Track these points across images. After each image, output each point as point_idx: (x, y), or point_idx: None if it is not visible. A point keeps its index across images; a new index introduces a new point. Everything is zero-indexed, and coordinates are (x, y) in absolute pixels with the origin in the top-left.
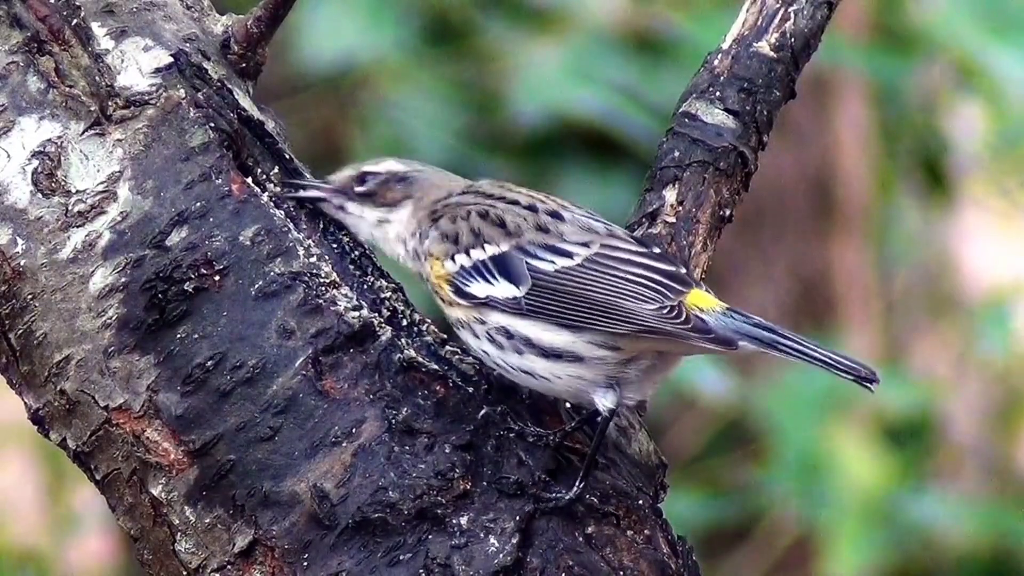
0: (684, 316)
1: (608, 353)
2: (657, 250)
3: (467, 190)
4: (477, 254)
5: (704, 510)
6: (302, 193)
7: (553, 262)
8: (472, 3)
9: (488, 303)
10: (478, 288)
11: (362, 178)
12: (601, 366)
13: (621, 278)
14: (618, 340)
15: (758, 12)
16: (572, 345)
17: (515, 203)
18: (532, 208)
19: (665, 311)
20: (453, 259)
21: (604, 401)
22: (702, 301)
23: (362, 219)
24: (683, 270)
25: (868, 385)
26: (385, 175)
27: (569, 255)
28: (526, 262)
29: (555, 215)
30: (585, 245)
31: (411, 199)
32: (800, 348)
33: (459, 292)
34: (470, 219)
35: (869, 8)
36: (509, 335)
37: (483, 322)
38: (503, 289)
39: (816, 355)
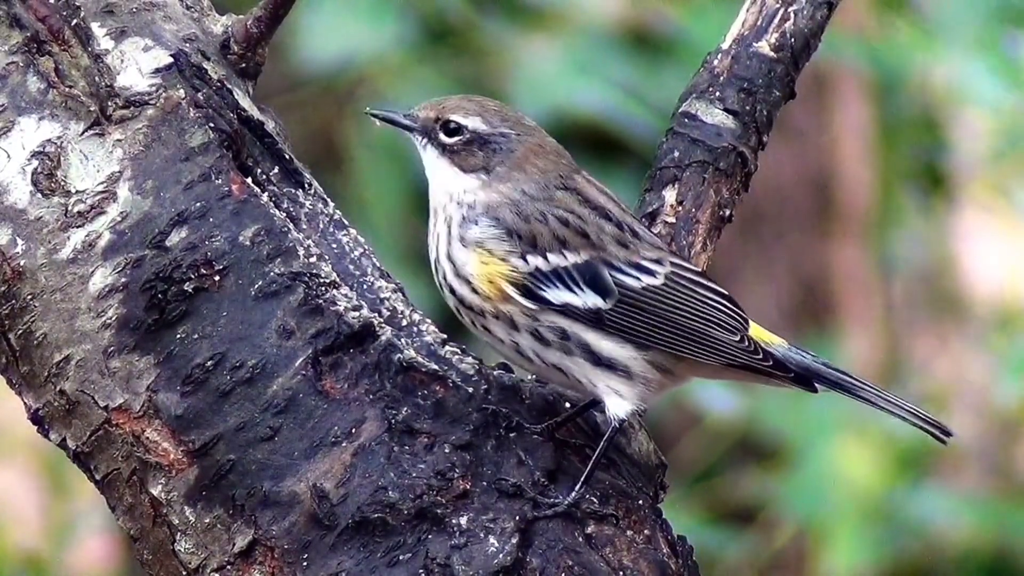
0: (761, 352)
1: (659, 376)
2: (704, 270)
3: (565, 184)
4: (557, 260)
5: (712, 535)
6: (390, 115)
7: (639, 279)
8: (471, 1)
9: (563, 310)
10: (555, 294)
11: (447, 126)
12: (644, 385)
13: (702, 303)
14: (676, 364)
15: (758, 12)
16: (631, 361)
17: (605, 214)
18: (619, 224)
19: (746, 344)
20: (525, 259)
21: (617, 412)
22: (766, 335)
23: (437, 169)
24: (730, 294)
25: (944, 441)
26: (469, 135)
27: (652, 273)
28: (611, 275)
29: (634, 232)
30: (659, 263)
31: (488, 173)
32: (879, 395)
33: (529, 294)
34: (549, 222)
35: (869, 8)
36: (564, 336)
37: (535, 319)
38: (586, 299)
39: (896, 405)
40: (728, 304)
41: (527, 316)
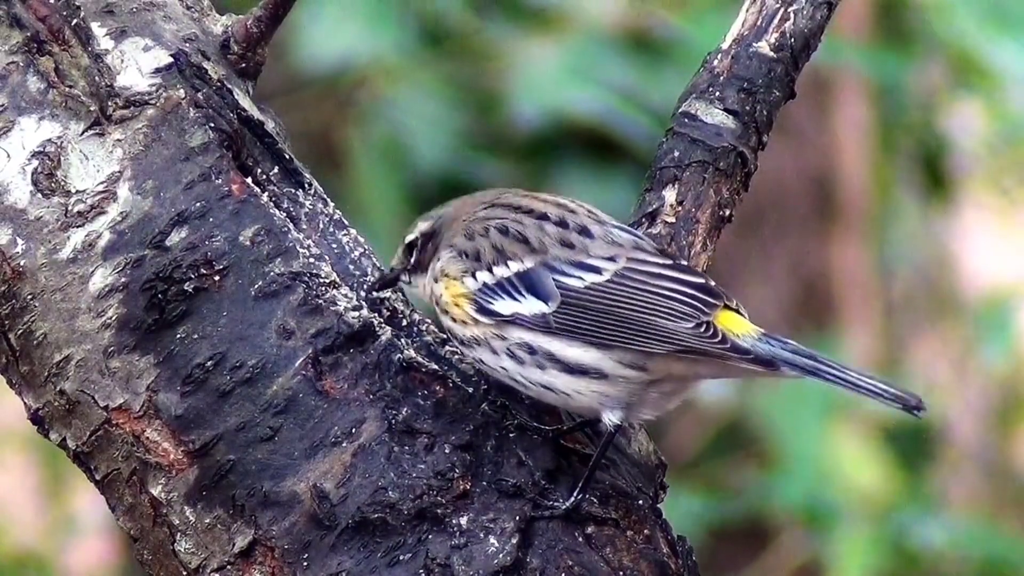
0: (720, 335)
1: (634, 373)
2: (683, 262)
3: (493, 202)
4: (501, 271)
5: (706, 511)
6: (384, 291)
7: (582, 278)
8: (470, 3)
9: (514, 320)
10: (503, 305)
11: (409, 250)
12: (625, 384)
13: (653, 293)
14: (646, 360)
15: (758, 12)
16: (599, 362)
17: (543, 216)
18: (561, 223)
19: (701, 329)
20: (474, 276)
21: (611, 417)
22: (737, 325)
23: (417, 288)
24: (712, 282)
25: (916, 413)
26: (418, 238)
27: (597, 271)
28: (553, 278)
29: (583, 230)
30: (612, 260)
31: (439, 247)
32: (844, 376)
33: (481, 310)
34: (490, 235)
35: (869, 8)
36: (532, 351)
37: (503, 338)
38: (530, 306)
39: (861, 384)
40: (691, 292)
41: (495, 336)
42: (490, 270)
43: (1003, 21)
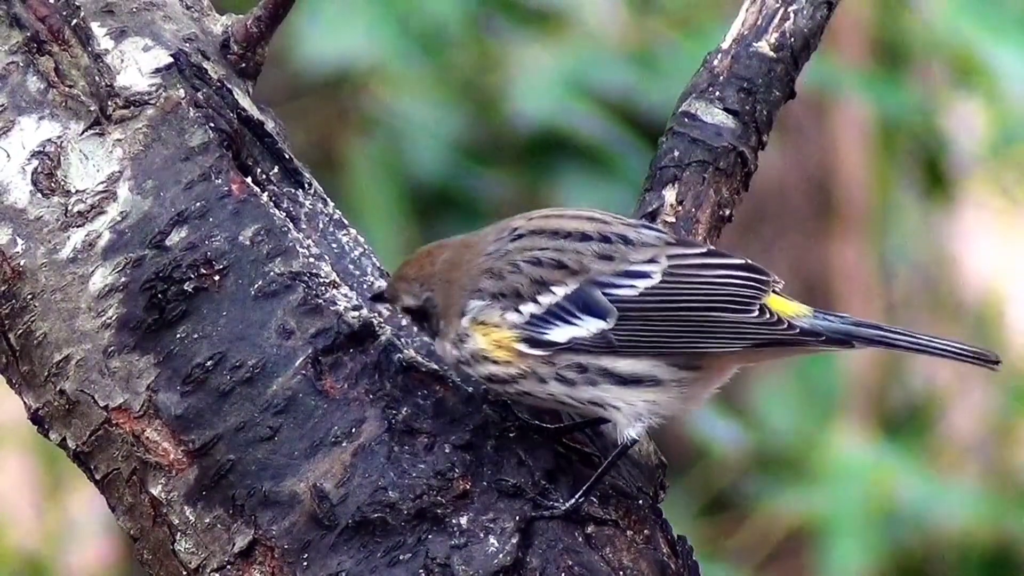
0: (784, 322)
1: (688, 374)
2: (711, 246)
3: (505, 236)
4: (547, 299)
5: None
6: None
7: (634, 286)
8: (470, 11)
9: (570, 347)
10: (558, 333)
11: (406, 311)
12: (677, 388)
13: (709, 284)
14: (702, 358)
15: (758, 12)
16: (653, 369)
17: (584, 236)
18: (604, 238)
19: (766, 316)
20: (518, 311)
21: (630, 432)
22: (788, 307)
23: (447, 354)
24: (748, 260)
25: (994, 367)
26: (412, 310)
27: (646, 275)
28: (604, 292)
29: (623, 239)
30: (654, 261)
31: (451, 304)
32: (915, 340)
33: (532, 343)
34: (523, 270)
35: (868, 22)
36: (583, 369)
37: (552, 364)
38: (588, 326)
39: (935, 346)
40: (741, 274)
41: (546, 364)
42: (535, 300)
43: (1000, 25)
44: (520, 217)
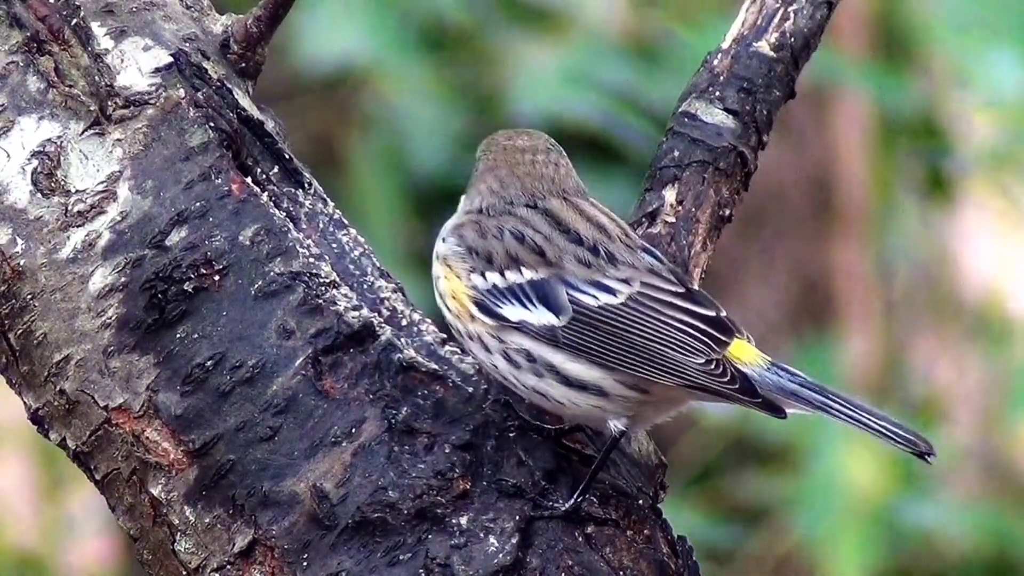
0: (729, 374)
1: (635, 394)
2: (696, 288)
3: (534, 204)
4: (513, 276)
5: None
6: None
7: (596, 297)
8: (470, 7)
9: (520, 328)
10: (511, 311)
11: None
12: (623, 403)
13: (666, 324)
14: (650, 385)
15: (758, 12)
16: (600, 381)
17: (577, 239)
18: (592, 248)
19: (711, 367)
20: (484, 276)
21: (616, 423)
22: (745, 353)
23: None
24: (723, 313)
25: (927, 459)
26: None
27: (612, 292)
28: (568, 292)
29: (608, 256)
30: (626, 282)
31: (467, 194)
32: (854, 415)
33: (486, 311)
34: (504, 240)
35: (868, 20)
36: (531, 359)
37: (501, 341)
38: (539, 316)
39: (871, 424)
40: (702, 326)
41: (493, 337)
42: (502, 273)
43: (991, 34)
44: (555, 191)
